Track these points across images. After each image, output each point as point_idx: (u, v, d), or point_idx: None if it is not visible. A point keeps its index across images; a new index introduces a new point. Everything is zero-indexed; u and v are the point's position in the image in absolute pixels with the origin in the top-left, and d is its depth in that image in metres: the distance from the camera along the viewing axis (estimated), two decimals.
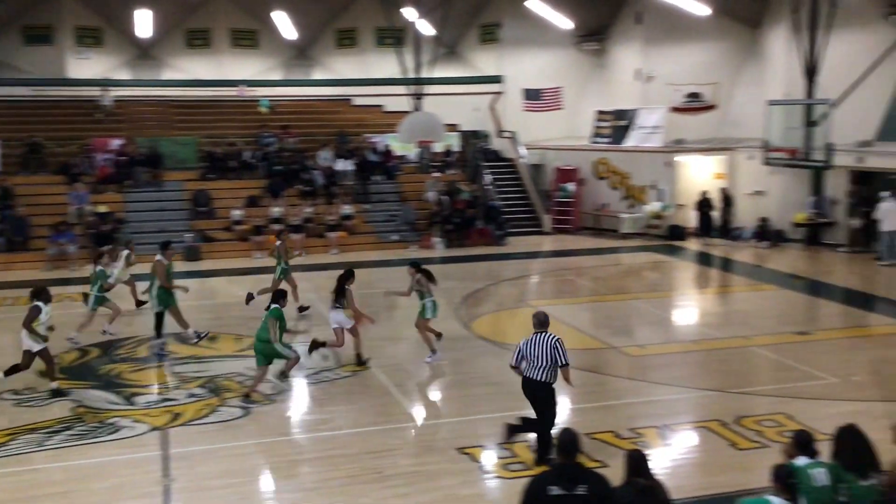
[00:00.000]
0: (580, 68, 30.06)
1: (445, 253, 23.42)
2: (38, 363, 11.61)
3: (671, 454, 9.50)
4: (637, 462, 6.07)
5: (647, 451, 6.39)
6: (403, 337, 14.74)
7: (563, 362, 8.93)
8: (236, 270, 21.04)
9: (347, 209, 24.52)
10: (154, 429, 10.33)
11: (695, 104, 27.24)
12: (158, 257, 14.37)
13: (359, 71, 30.71)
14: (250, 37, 31.10)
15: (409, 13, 26.21)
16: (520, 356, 9.14)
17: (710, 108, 27.27)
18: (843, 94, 19.03)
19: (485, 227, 24.67)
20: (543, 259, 23.49)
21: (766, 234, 23.44)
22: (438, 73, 26.84)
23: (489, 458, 9.40)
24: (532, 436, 9.32)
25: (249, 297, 15.62)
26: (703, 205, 24.29)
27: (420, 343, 13.15)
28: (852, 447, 6.52)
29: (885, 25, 22.00)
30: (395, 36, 26.66)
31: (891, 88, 21.96)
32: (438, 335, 13.36)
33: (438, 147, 27.85)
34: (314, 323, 15.42)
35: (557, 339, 8.94)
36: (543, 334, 9.05)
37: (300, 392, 11.90)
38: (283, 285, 15.31)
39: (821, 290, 18.34)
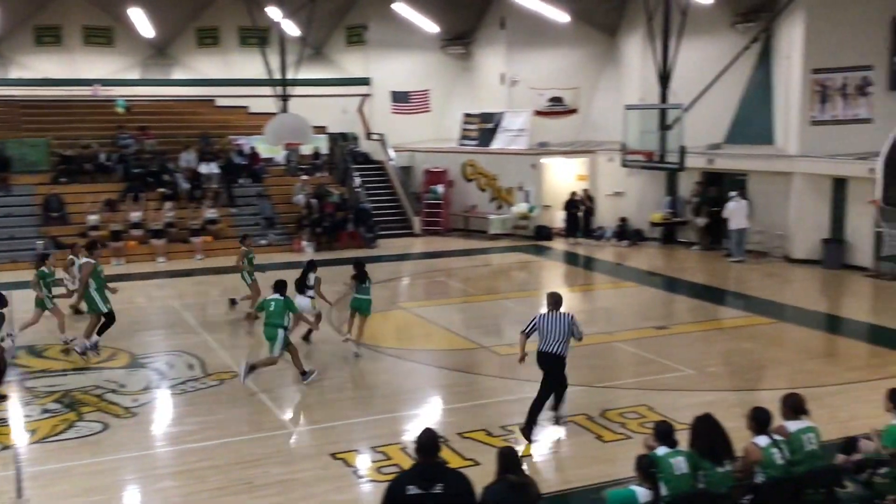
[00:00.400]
0: (447, 71, 30.38)
1: (315, 256, 23.12)
2: None
3: (541, 449, 9.71)
4: (508, 459, 6.16)
5: (517, 448, 6.49)
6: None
7: (580, 336, 9.80)
8: None
9: (212, 213, 23.84)
10: (4, 448, 9.72)
11: (557, 108, 28.07)
12: (84, 260, 13.60)
13: (222, 71, 29.89)
14: (105, 34, 29.72)
15: (274, 13, 25.75)
16: (533, 329, 9.74)
17: (571, 112, 28.16)
18: (694, 99, 20.03)
19: (355, 230, 24.54)
20: (414, 261, 23.59)
21: (626, 233, 24.40)
22: (305, 74, 26.49)
23: (363, 462, 9.34)
24: (410, 438, 9.30)
25: (232, 303, 16.28)
26: (571, 205, 25.02)
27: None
28: (708, 435, 6.84)
29: (732, 33, 23.32)
30: (259, 36, 26.14)
31: (739, 93, 23.33)
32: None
33: (306, 149, 27.49)
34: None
35: (573, 316, 9.72)
36: (558, 312, 9.70)
37: (164, 403, 11.47)
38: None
39: (677, 286, 19.22)
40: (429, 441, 5.65)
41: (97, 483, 8.88)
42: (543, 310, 9.96)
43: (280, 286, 12.21)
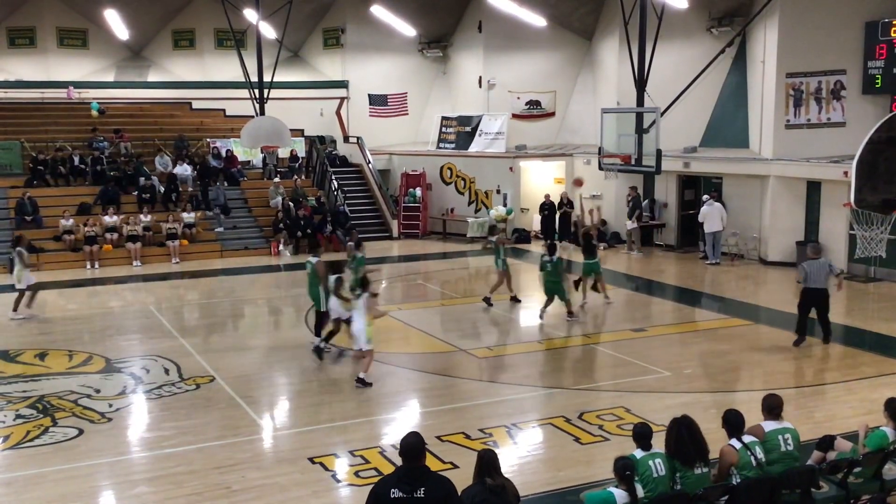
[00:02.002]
0: (424, 75, 30.39)
1: (293, 259, 23.06)
2: None
3: (519, 452, 9.73)
4: (487, 461, 6.17)
5: (497, 450, 6.49)
6: (249, 347, 14.41)
7: (837, 272, 13.56)
8: (67, 283, 19.88)
9: (189, 217, 23.68)
10: None
11: (534, 111, 28.19)
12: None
13: (198, 73, 29.75)
14: (79, 36, 29.47)
15: (251, 15, 25.64)
16: (805, 274, 13.36)
17: (548, 115, 28.29)
18: (670, 103, 20.16)
19: (333, 234, 24.47)
20: (392, 264, 23.53)
21: (603, 236, 24.48)
22: (282, 76, 26.41)
23: (341, 466, 9.31)
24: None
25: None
26: (545, 208, 25.06)
27: (266, 354, 12.87)
28: (684, 437, 6.87)
29: (708, 38, 23.54)
30: (235, 38, 26.03)
31: (714, 97, 23.52)
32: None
33: (283, 152, 27.39)
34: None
35: (829, 261, 13.61)
36: (819, 259, 13.46)
37: (140, 408, 11.37)
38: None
39: (653, 288, 19.33)
40: (413, 445, 5.65)
41: (72, 489, 8.78)
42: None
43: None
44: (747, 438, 7.06)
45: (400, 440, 5.76)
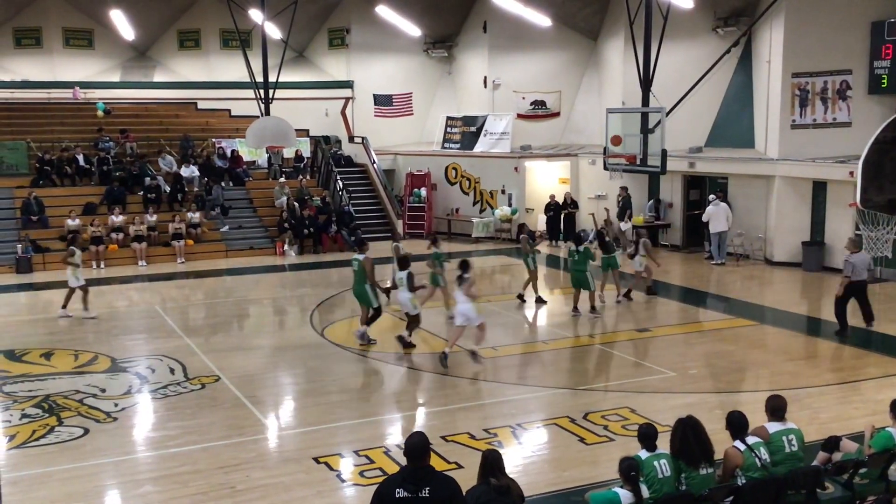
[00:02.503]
0: (429, 75, 30.39)
1: (298, 260, 23.10)
2: None
3: (524, 452, 9.72)
4: (492, 462, 6.17)
5: (501, 450, 6.49)
6: (254, 347, 14.43)
7: (873, 266, 14.31)
8: None
9: (194, 217, 23.72)
10: None
11: (539, 111, 28.16)
12: None
13: (204, 74, 29.79)
14: (85, 36, 29.53)
15: (256, 15, 25.67)
16: (851, 268, 13.81)
17: (553, 115, 28.27)
18: (675, 102, 20.13)
19: (337, 234, 24.48)
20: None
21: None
22: (287, 77, 26.43)
23: (346, 466, 9.31)
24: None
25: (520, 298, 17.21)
26: (550, 208, 25.03)
27: (271, 353, 12.90)
28: (689, 438, 6.86)
29: (713, 38, 23.51)
30: (241, 38, 26.05)
31: (719, 97, 23.48)
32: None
33: (288, 152, 27.42)
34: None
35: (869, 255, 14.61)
36: (860, 253, 14.06)
37: (145, 408, 11.39)
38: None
39: (658, 288, 19.28)
40: (418, 445, 5.67)
41: (77, 488, 8.80)
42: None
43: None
44: (751, 440, 7.04)
45: (405, 440, 5.77)
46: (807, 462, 7.38)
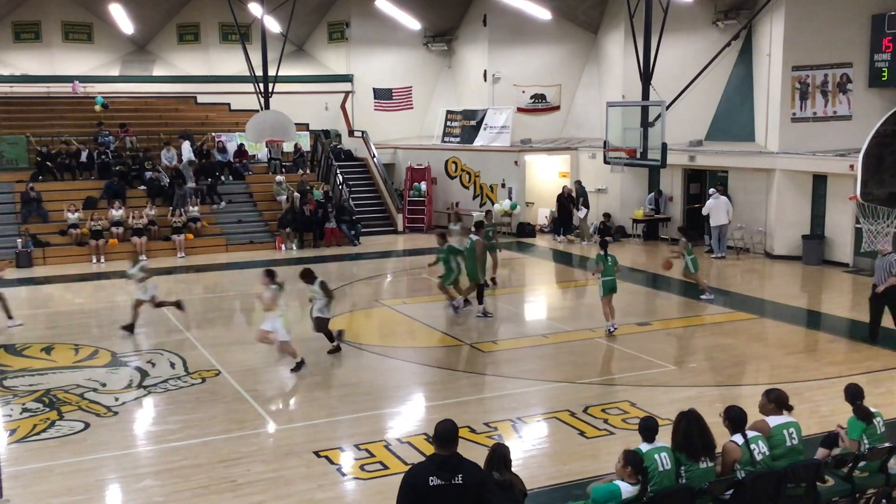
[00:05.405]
0: (429, 68, 30.35)
1: (298, 254, 23.09)
2: None
3: (524, 446, 9.73)
4: (500, 456, 6.22)
5: (506, 445, 6.51)
6: (254, 341, 14.41)
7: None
8: (73, 277, 19.94)
9: (194, 211, 23.71)
10: None
11: (539, 105, 28.13)
12: None
13: (203, 68, 29.76)
14: (84, 30, 29.49)
15: (255, 9, 25.63)
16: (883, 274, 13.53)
17: (553, 109, 28.24)
18: (676, 96, 20.11)
19: (337, 227, 24.48)
20: (397, 258, 23.56)
21: (608, 229, 24.43)
22: (287, 70, 26.40)
23: (347, 459, 9.33)
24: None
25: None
26: (561, 199, 24.99)
27: (272, 347, 12.86)
28: (692, 431, 6.87)
29: (713, 31, 23.46)
30: (240, 32, 26.00)
31: (720, 91, 23.45)
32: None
33: (288, 146, 27.40)
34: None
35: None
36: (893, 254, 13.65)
37: (146, 402, 11.40)
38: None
39: (658, 282, 19.30)
40: (449, 430, 5.70)
41: (78, 482, 8.81)
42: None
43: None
44: (750, 434, 7.05)
45: (435, 426, 5.77)
46: (806, 455, 7.39)
